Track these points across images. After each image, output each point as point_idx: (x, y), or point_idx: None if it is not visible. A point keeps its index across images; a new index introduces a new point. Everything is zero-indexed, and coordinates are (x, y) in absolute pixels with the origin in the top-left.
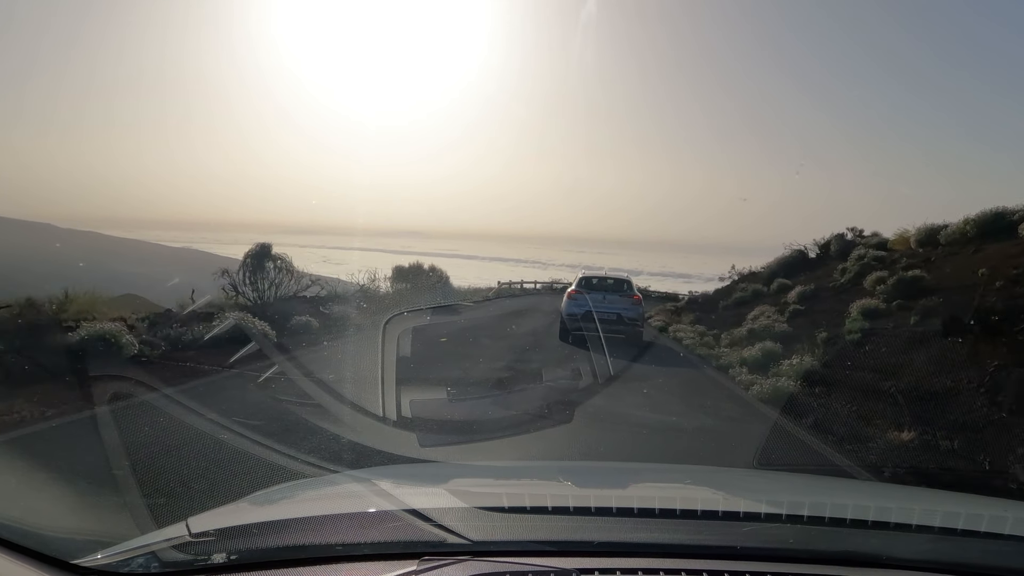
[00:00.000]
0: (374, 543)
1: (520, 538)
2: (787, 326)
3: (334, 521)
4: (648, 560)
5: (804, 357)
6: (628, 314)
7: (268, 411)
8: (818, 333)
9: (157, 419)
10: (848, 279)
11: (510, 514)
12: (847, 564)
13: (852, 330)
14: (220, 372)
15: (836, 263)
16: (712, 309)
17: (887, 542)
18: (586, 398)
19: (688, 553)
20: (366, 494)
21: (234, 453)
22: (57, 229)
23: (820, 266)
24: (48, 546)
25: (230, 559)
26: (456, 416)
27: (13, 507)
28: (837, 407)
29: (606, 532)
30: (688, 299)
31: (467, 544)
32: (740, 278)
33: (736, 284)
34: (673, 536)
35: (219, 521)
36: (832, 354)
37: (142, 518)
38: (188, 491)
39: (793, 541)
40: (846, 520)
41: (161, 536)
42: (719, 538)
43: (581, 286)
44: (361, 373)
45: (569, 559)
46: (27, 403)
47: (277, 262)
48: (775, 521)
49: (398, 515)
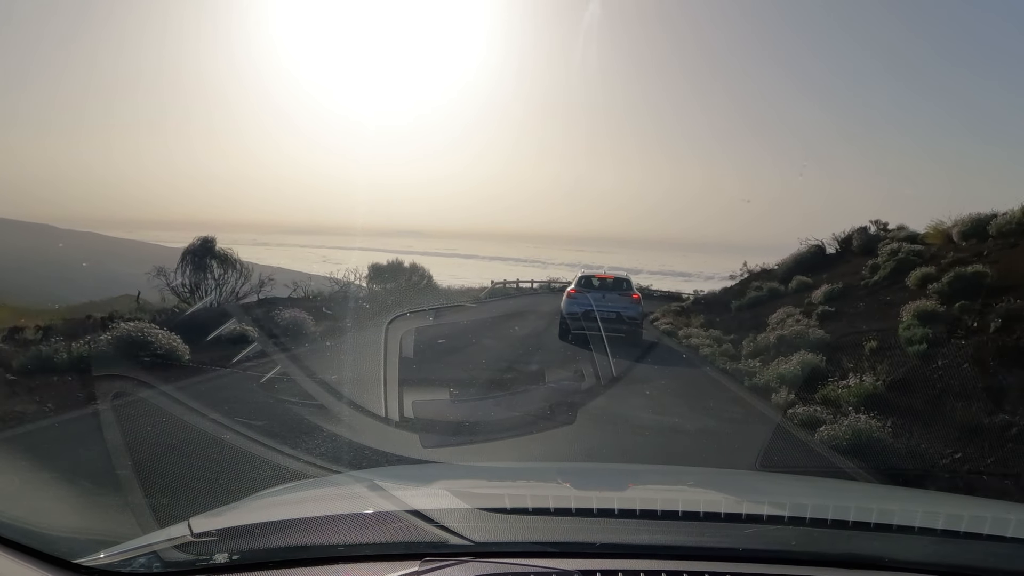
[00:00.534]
0: (376, 544)
1: (522, 539)
2: (822, 332)
3: (336, 522)
4: (650, 562)
5: (864, 377)
6: (627, 313)
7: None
8: (865, 342)
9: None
10: (882, 276)
11: (512, 515)
12: (849, 566)
13: (913, 339)
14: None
15: (861, 259)
16: (722, 310)
17: (890, 544)
18: (589, 399)
19: (690, 555)
20: (368, 495)
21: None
22: (56, 230)
23: (841, 263)
24: (50, 545)
25: (232, 559)
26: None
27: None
28: (962, 463)
29: (608, 533)
30: (694, 298)
31: (469, 545)
32: (752, 275)
33: (749, 282)
34: (675, 537)
35: (221, 521)
36: (899, 372)
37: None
38: None
39: (796, 543)
40: (849, 522)
41: (163, 536)
42: (721, 540)
43: (581, 285)
44: (279, 423)
45: (571, 560)
46: None
47: (222, 259)
48: (777, 523)
49: (400, 516)
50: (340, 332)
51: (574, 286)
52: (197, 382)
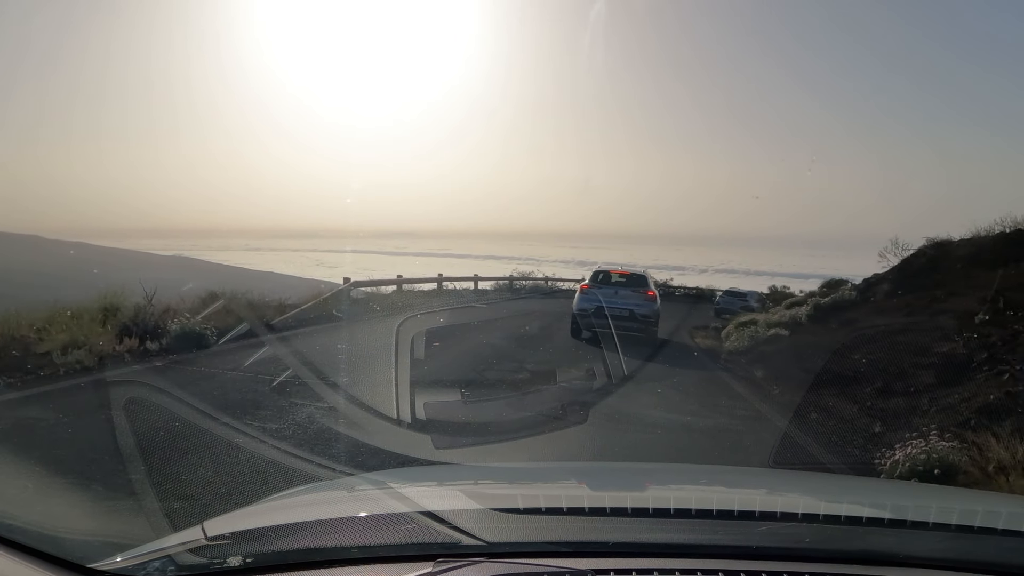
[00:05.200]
0: (389, 545)
1: (535, 539)
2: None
3: (349, 523)
4: (663, 560)
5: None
6: (641, 311)
7: None
8: None
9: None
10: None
11: (525, 515)
12: (864, 563)
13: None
14: None
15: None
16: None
17: (904, 540)
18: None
19: (703, 553)
20: (380, 496)
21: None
22: (44, 240)
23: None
24: (64, 550)
25: (246, 562)
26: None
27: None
28: None
29: (621, 532)
30: (815, 302)
31: (482, 545)
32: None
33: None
34: (688, 536)
35: (234, 524)
36: None
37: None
38: None
39: (809, 540)
40: (862, 519)
41: (177, 539)
42: (734, 538)
43: (594, 281)
44: None
45: (584, 560)
46: None
47: None
48: (791, 520)
49: (413, 517)
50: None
51: (587, 282)
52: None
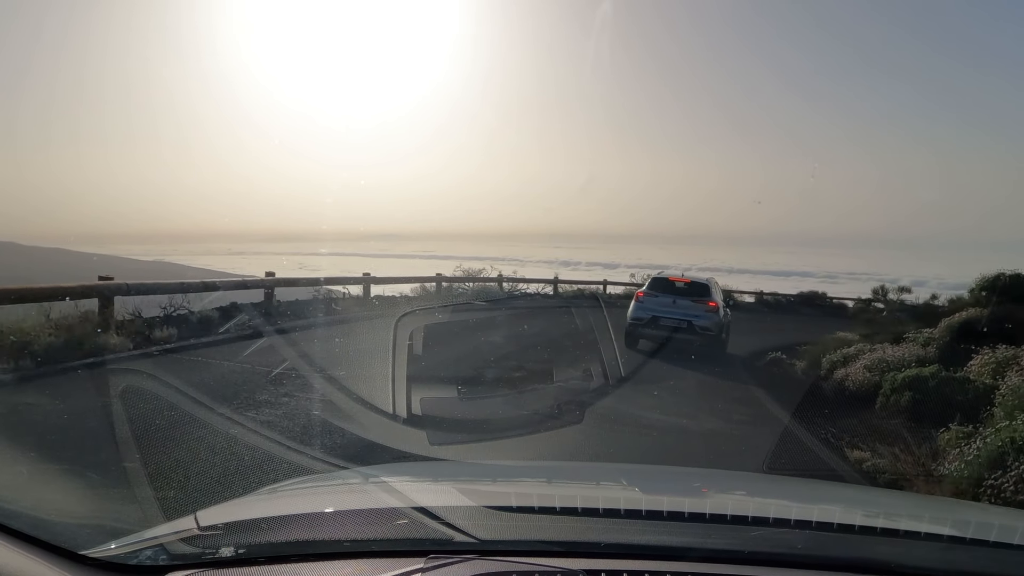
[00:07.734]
0: (381, 540)
1: (527, 538)
2: None
3: (342, 517)
4: (655, 563)
5: None
6: (700, 323)
7: None
8: None
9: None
10: None
11: (518, 514)
12: (855, 571)
13: None
14: None
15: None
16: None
17: (896, 549)
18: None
19: (695, 556)
20: (374, 491)
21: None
22: (21, 247)
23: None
24: (58, 537)
25: (238, 553)
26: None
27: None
28: None
29: (614, 533)
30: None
31: (474, 543)
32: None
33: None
34: (681, 539)
35: (227, 515)
36: None
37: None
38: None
39: (801, 547)
40: (855, 527)
41: (170, 529)
42: (727, 542)
43: (651, 288)
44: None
45: (576, 560)
46: None
47: None
48: (784, 526)
49: (406, 512)
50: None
51: (644, 288)
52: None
